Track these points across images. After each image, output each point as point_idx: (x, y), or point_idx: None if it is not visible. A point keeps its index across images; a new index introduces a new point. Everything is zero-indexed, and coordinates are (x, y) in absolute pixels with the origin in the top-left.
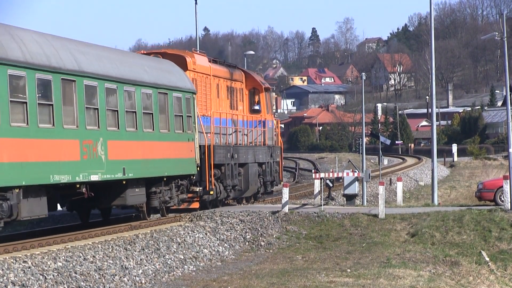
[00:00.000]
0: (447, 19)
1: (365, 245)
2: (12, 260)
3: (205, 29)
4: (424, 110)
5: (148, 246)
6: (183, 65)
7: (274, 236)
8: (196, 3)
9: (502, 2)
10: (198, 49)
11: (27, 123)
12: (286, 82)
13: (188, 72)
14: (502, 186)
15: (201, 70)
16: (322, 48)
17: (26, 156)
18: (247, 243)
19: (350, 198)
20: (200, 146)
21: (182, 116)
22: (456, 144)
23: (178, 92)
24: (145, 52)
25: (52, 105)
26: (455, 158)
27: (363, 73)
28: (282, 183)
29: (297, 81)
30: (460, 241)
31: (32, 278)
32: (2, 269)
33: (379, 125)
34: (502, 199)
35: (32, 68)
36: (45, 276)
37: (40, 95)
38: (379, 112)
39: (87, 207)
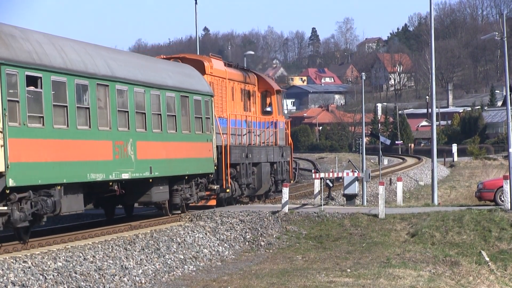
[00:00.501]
0: (447, 19)
1: (365, 245)
2: (12, 260)
3: (205, 29)
4: (424, 110)
5: (148, 246)
6: (201, 69)
7: (274, 236)
8: (196, 3)
9: (502, 2)
10: (198, 49)
11: (67, 125)
12: (286, 82)
13: (206, 76)
14: (502, 186)
15: (217, 74)
16: (322, 48)
17: (66, 155)
18: (247, 243)
19: (350, 198)
20: (217, 146)
21: (201, 118)
22: (456, 144)
23: (198, 95)
24: (165, 56)
25: (88, 108)
26: (455, 158)
27: (363, 73)
28: (292, 181)
29: (297, 81)
30: (460, 241)
31: (32, 278)
32: (2, 269)
33: (379, 125)
34: (502, 199)
35: (71, 74)
36: (45, 276)
37: (78, 99)
38: (379, 112)
39: (113, 204)
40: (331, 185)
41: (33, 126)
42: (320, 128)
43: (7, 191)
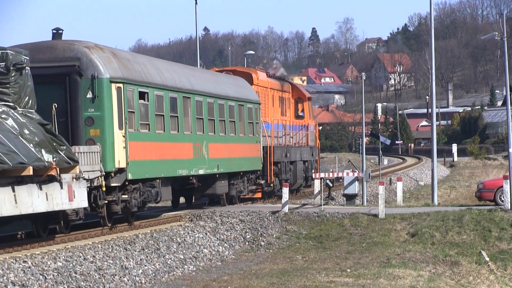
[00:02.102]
0: (447, 19)
1: (365, 245)
2: (12, 260)
3: (205, 29)
4: (424, 110)
5: (148, 246)
6: (250, 80)
7: (274, 236)
8: (196, 3)
9: (502, 2)
10: (198, 49)
11: (164, 130)
12: None
13: (254, 86)
14: (502, 186)
15: (262, 84)
16: (322, 48)
17: (163, 155)
18: (247, 243)
19: (350, 198)
20: (263, 147)
21: (252, 122)
22: (456, 144)
23: (250, 104)
24: (217, 69)
25: (177, 116)
26: (455, 158)
27: (363, 73)
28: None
29: (297, 81)
30: (460, 241)
31: (32, 278)
32: (2, 269)
33: (379, 125)
34: (502, 199)
35: (166, 89)
36: (45, 276)
37: (171, 109)
38: (379, 112)
39: (191, 194)
40: (331, 185)
41: (143, 131)
42: (320, 128)
43: (126, 183)
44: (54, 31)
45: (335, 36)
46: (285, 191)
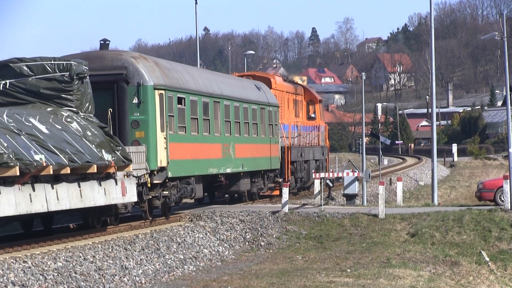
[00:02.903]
0: (447, 19)
1: (365, 245)
2: (12, 260)
3: (205, 29)
4: (424, 110)
5: (148, 246)
6: (269, 85)
7: (274, 236)
8: (196, 3)
9: (502, 2)
10: (198, 49)
11: (197, 132)
12: None
13: (272, 90)
14: (502, 186)
15: (279, 88)
16: (322, 48)
17: (197, 155)
18: (247, 243)
19: (350, 198)
20: (280, 147)
21: (272, 124)
22: (456, 144)
23: (270, 107)
24: (238, 74)
25: (208, 119)
26: (455, 158)
27: (363, 73)
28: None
29: (297, 81)
30: (460, 241)
31: (32, 278)
32: (2, 269)
33: (379, 125)
34: (502, 199)
35: (200, 95)
36: (45, 276)
37: (203, 112)
38: (379, 112)
39: (214, 191)
40: (331, 185)
41: (180, 133)
42: None
43: (166, 180)
44: (102, 42)
45: (335, 36)
46: (285, 191)
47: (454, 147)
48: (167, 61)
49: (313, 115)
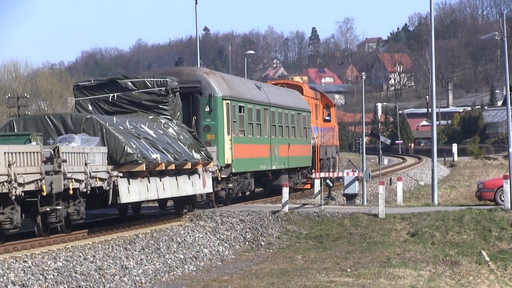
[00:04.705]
0: (447, 19)
1: (365, 245)
2: (12, 260)
3: (205, 29)
4: (424, 110)
5: (148, 246)
6: (301, 92)
7: (274, 236)
8: (196, 3)
9: (502, 2)
10: (198, 49)
11: (252, 135)
12: None
13: (303, 97)
14: (502, 186)
15: (307, 95)
16: (322, 48)
17: (252, 154)
18: (247, 243)
19: (350, 198)
20: (312, 146)
21: (305, 127)
22: (456, 144)
23: (304, 112)
24: (272, 82)
25: (260, 124)
26: (455, 158)
27: (363, 73)
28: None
29: (297, 81)
30: (460, 241)
31: (32, 278)
32: (2, 269)
33: (379, 124)
34: (502, 198)
35: (254, 103)
36: (45, 276)
37: (256, 118)
38: (379, 112)
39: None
40: (331, 185)
41: (241, 136)
42: None
43: (230, 175)
44: (177, 60)
45: (335, 36)
46: (285, 191)
47: (454, 147)
48: (229, 75)
49: (328, 118)
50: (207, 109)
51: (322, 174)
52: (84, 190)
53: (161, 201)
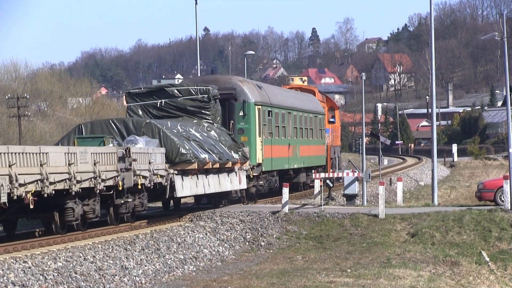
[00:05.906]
0: (447, 19)
1: (365, 245)
2: (12, 260)
3: (205, 29)
4: (424, 110)
5: (148, 246)
6: (314, 95)
7: (274, 236)
8: (196, 3)
9: (502, 2)
10: (198, 49)
11: (278, 137)
12: (286, 82)
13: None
14: (502, 186)
15: (319, 98)
16: (322, 48)
17: (276, 154)
18: (247, 243)
19: (350, 198)
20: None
21: (321, 129)
22: (456, 144)
23: (319, 115)
24: (287, 87)
25: (284, 126)
26: (455, 158)
27: (363, 73)
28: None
29: (297, 81)
30: (460, 241)
31: (32, 278)
32: (2, 269)
33: (379, 125)
34: (502, 199)
35: (279, 108)
36: (45, 276)
37: (281, 121)
38: (379, 112)
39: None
40: (331, 185)
41: (269, 138)
42: None
43: (260, 174)
44: (213, 68)
45: (335, 36)
46: (285, 191)
47: (454, 147)
48: (259, 82)
49: (332, 120)
50: (241, 113)
51: (322, 175)
52: (148, 185)
53: (197, 197)
